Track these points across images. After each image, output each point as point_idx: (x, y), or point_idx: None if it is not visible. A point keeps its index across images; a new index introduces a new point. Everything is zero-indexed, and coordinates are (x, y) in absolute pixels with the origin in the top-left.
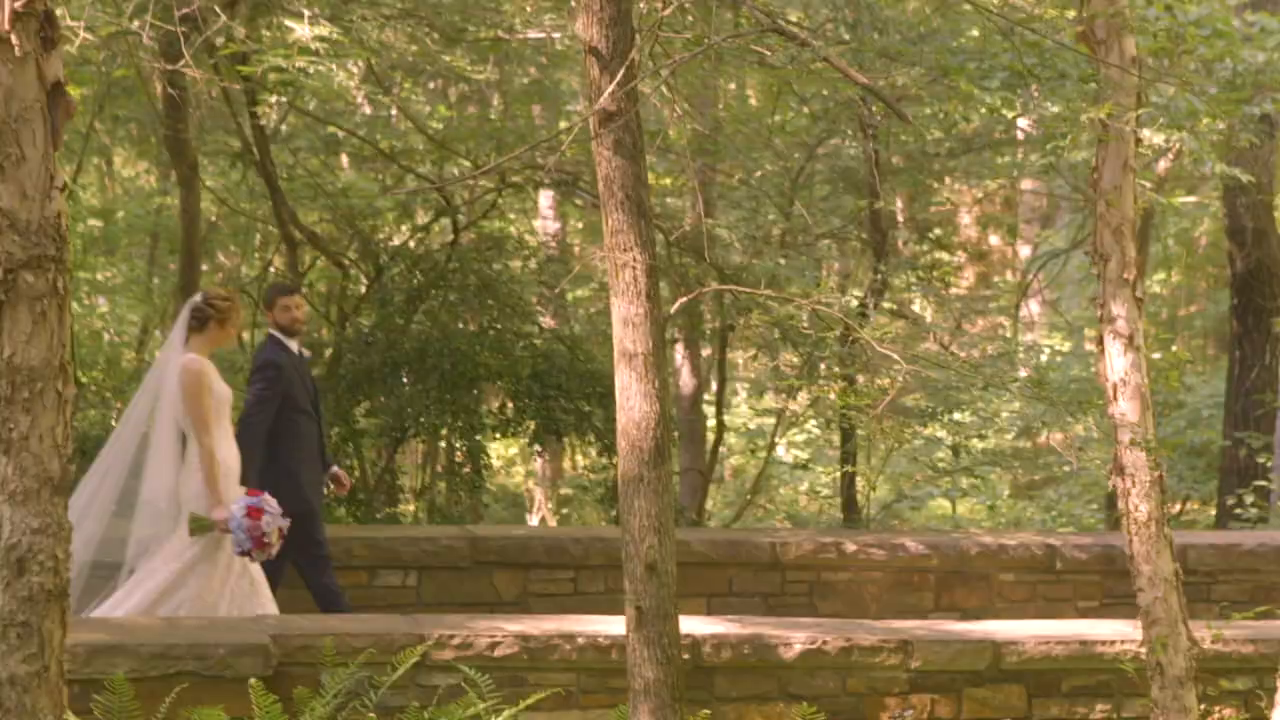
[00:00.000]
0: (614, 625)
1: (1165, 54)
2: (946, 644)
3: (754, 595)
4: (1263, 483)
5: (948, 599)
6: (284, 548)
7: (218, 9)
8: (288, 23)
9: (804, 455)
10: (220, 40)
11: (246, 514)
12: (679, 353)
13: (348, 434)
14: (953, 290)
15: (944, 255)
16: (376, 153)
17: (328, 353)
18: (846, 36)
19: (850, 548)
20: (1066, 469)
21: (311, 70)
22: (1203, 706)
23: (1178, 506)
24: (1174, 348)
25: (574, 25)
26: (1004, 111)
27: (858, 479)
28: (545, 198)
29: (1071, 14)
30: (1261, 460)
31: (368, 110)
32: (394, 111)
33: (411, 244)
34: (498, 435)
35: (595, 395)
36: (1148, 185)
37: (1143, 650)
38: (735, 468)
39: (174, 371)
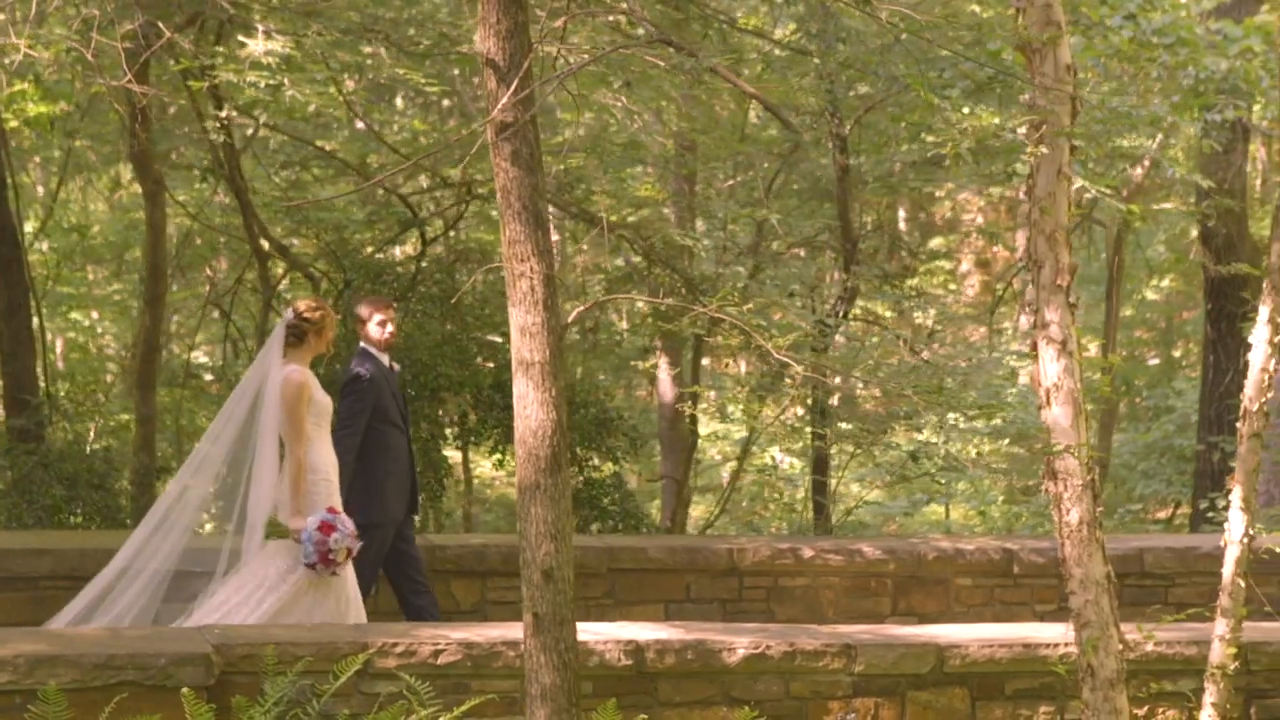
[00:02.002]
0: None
1: (1129, 61)
2: (890, 648)
3: (711, 601)
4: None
5: (905, 604)
6: (372, 563)
7: (162, 26)
8: (241, 38)
9: (800, 462)
10: (186, 58)
11: (319, 528)
12: (661, 362)
13: None
14: (935, 297)
15: (917, 263)
16: (344, 166)
17: None
18: (811, 47)
19: (807, 553)
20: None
21: (264, 85)
22: (1145, 709)
23: (1167, 511)
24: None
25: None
26: (961, 121)
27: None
28: None
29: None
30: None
31: (360, 125)
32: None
33: (379, 255)
34: (460, 444)
35: None
36: (1123, 192)
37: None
38: (731, 476)
39: (275, 384)
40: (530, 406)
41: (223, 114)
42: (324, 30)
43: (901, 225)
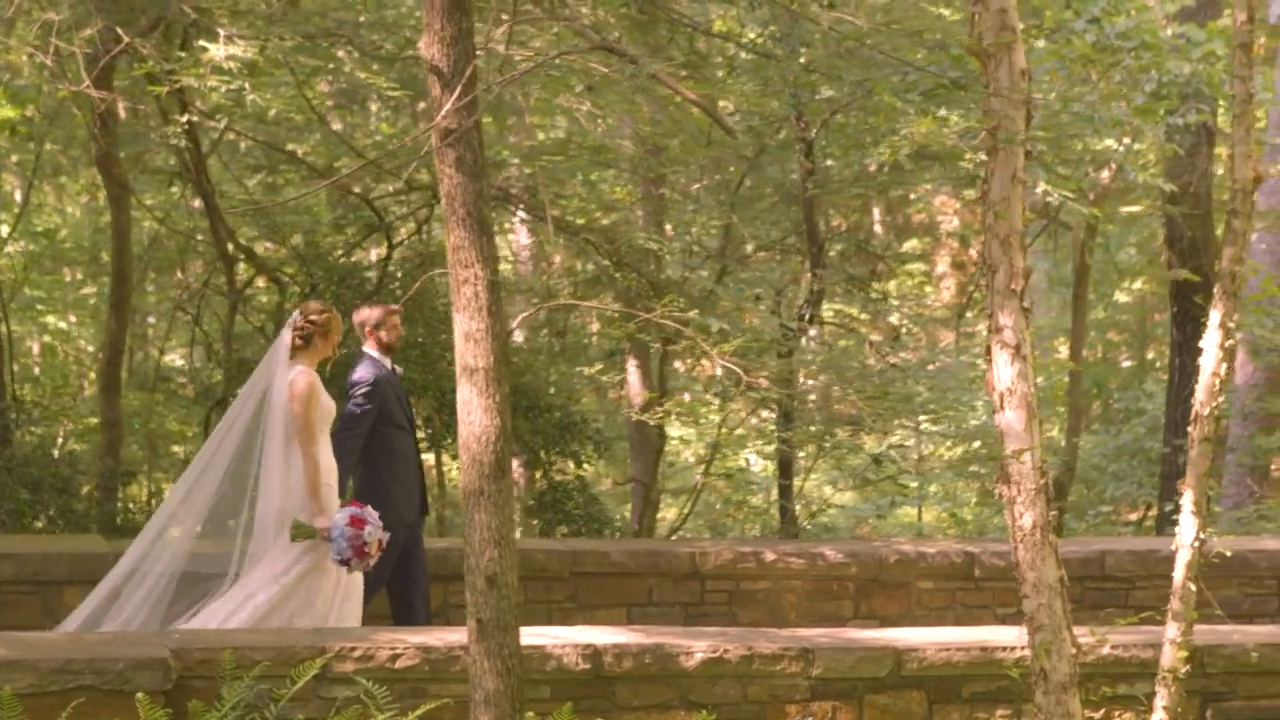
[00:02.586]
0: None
1: (1093, 65)
2: (848, 651)
3: (674, 605)
4: None
5: (867, 607)
6: (385, 561)
7: (122, 32)
8: (203, 43)
9: (772, 465)
10: (148, 63)
11: (349, 523)
12: (630, 364)
13: None
14: (903, 300)
15: (882, 265)
16: (311, 170)
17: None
18: (777, 51)
19: (769, 557)
20: None
21: (225, 90)
22: (1101, 712)
23: (1138, 513)
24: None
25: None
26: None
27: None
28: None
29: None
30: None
31: (337, 127)
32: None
33: (345, 260)
34: (429, 447)
35: (522, 408)
36: (1090, 195)
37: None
38: (706, 479)
39: (282, 385)
40: (474, 412)
41: (183, 119)
42: (286, 35)
43: (877, 228)
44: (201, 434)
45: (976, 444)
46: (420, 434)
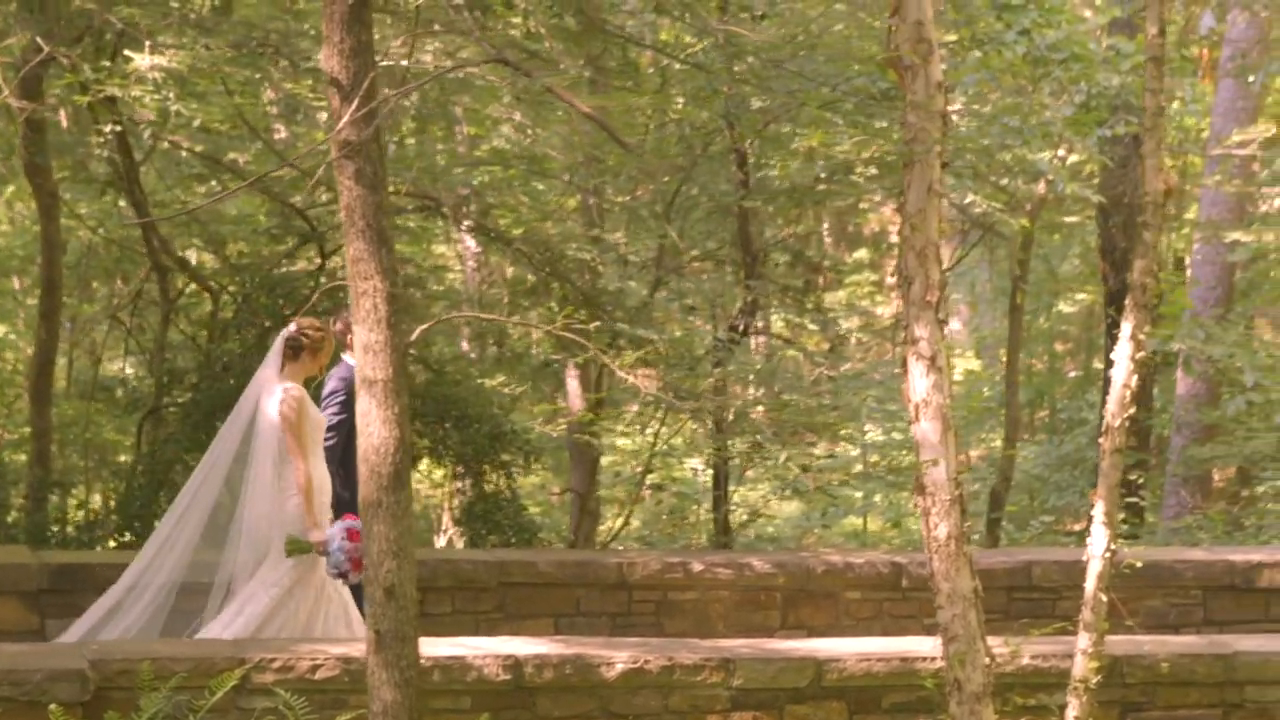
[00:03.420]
0: (440, 647)
1: (1022, 77)
2: (768, 662)
3: (601, 615)
4: (1134, 499)
5: (795, 617)
6: None
7: (42, 41)
8: (129, 52)
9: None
10: (73, 72)
11: (346, 536)
12: (570, 375)
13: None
14: (846, 311)
15: (817, 275)
16: (243, 179)
17: (188, 378)
18: (708, 62)
19: (697, 567)
20: (977, 487)
21: (149, 99)
22: None
23: (1081, 523)
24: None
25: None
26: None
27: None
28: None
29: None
30: (1134, 477)
31: (282, 136)
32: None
33: (278, 270)
34: None
35: (452, 418)
36: (1026, 206)
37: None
38: (642, 491)
39: (273, 399)
40: (373, 424)
41: (107, 129)
42: (214, 45)
43: (826, 238)
44: (135, 444)
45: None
46: None
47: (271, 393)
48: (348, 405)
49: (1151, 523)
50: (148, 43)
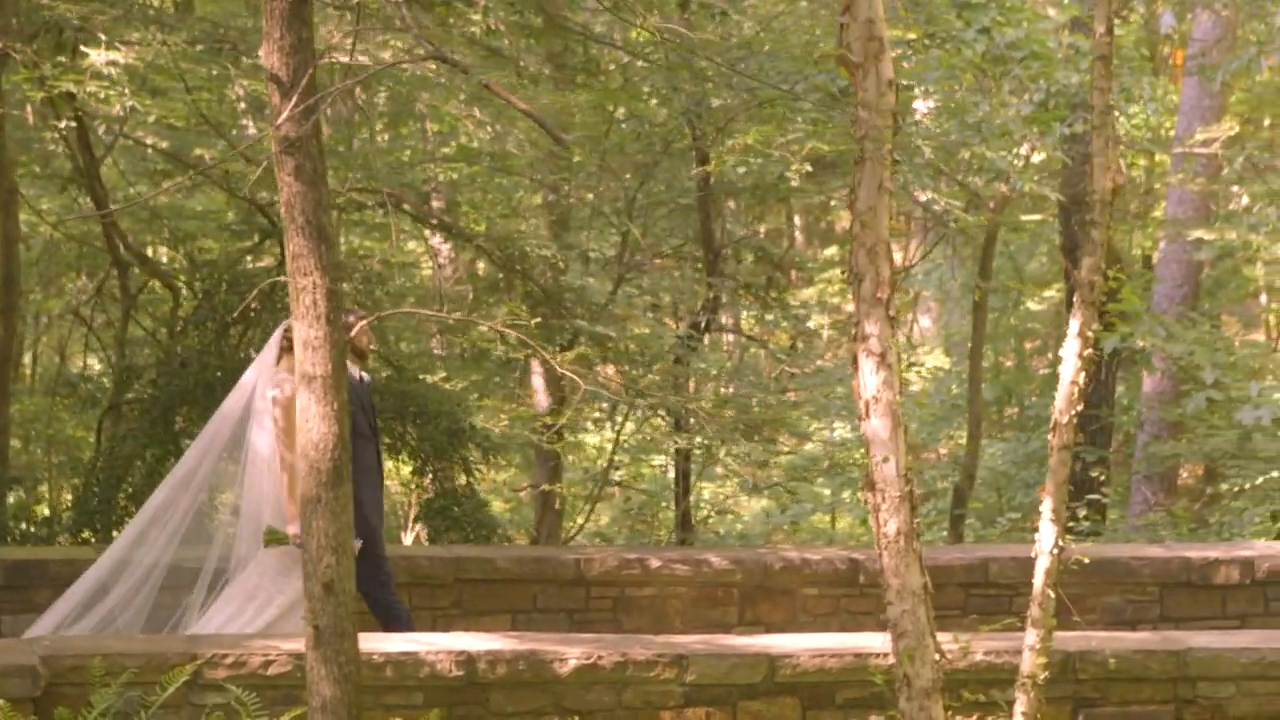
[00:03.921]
0: (393, 642)
1: (983, 74)
2: (722, 658)
3: (559, 611)
4: (1096, 496)
5: (752, 613)
6: (372, 569)
7: None
8: (84, 48)
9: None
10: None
11: None
12: (535, 372)
13: (163, 454)
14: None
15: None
16: (203, 176)
17: (146, 374)
18: (667, 58)
19: (654, 564)
20: (944, 484)
21: (105, 94)
22: (975, 717)
23: None
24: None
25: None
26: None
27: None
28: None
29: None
30: (1095, 474)
31: (251, 130)
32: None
33: (239, 266)
34: None
35: (410, 414)
36: (990, 203)
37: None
38: (626, 484)
39: (268, 392)
40: (313, 420)
41: (61, 124)
42: (171, 42)
43: (798, 235)
44: (94, 439)
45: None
46: None
47: (268, 384)
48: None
49: (1114, 520)
50: (104, 39)
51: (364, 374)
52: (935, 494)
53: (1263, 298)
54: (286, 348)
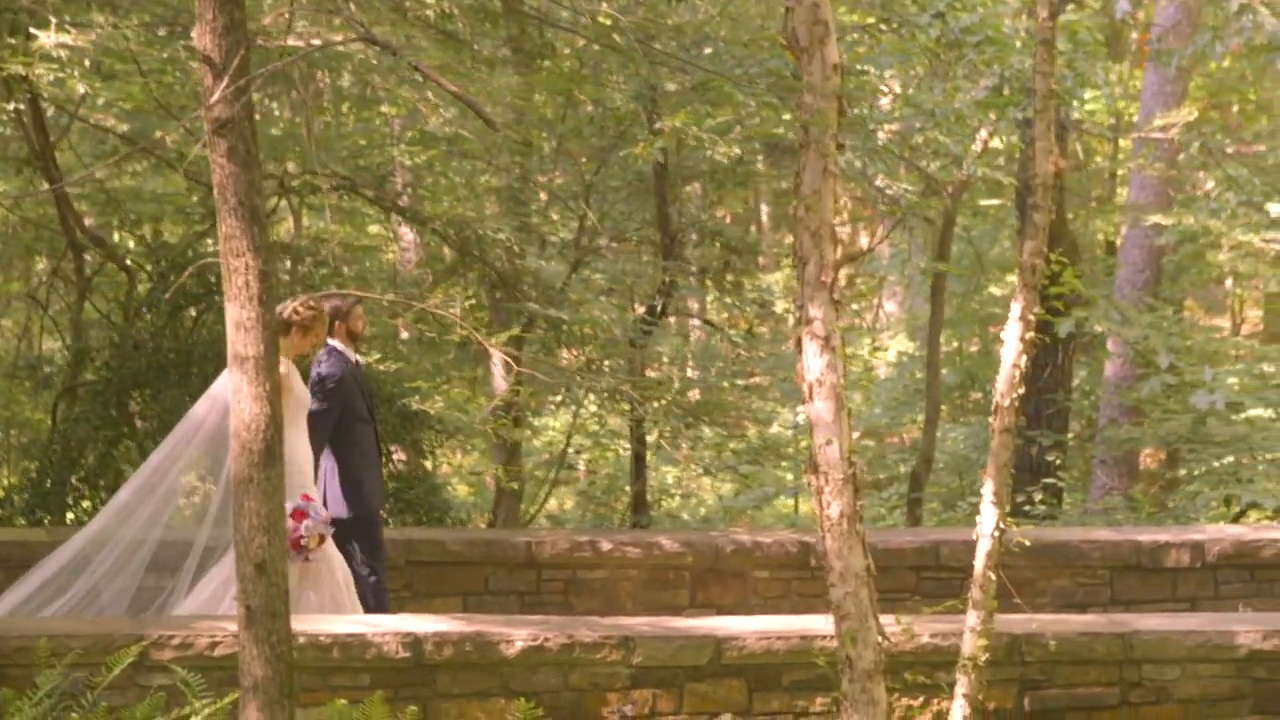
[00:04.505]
0: (339, 624)
1: (938, 59)
2: (668, 640)
3: (510, 594)
4: (1052, 480)
5: (704, 596)
6: (371, 551)
7: None
8: (33, 29)
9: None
10: None
11: (292, 515)
12: (494, 358)
13: (116, 436)
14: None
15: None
16: (161, 160)
17: (98, 357)
18: (625, 38)
19: (606, 546)
20: (906, 468)
21: (53, 79)
22: (920, 699)
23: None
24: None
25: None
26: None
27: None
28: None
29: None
30: (1051, 458)
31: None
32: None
33: (193, 250)
34: None
35: None
36: (948, 188)
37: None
38: (590, 468)
39: None
40: (244, 401)
41: (10, 106)
42: (122, 25)
43: (764, 220)
44: (49, 421)
45: (855, 435)
46: None
47: None
48: (336, 395)
49: (1070, 504)
50: (54, 21)
51: (358, 358)
52: (898, 478)
53: (1228, 283)
54: (280, 332)
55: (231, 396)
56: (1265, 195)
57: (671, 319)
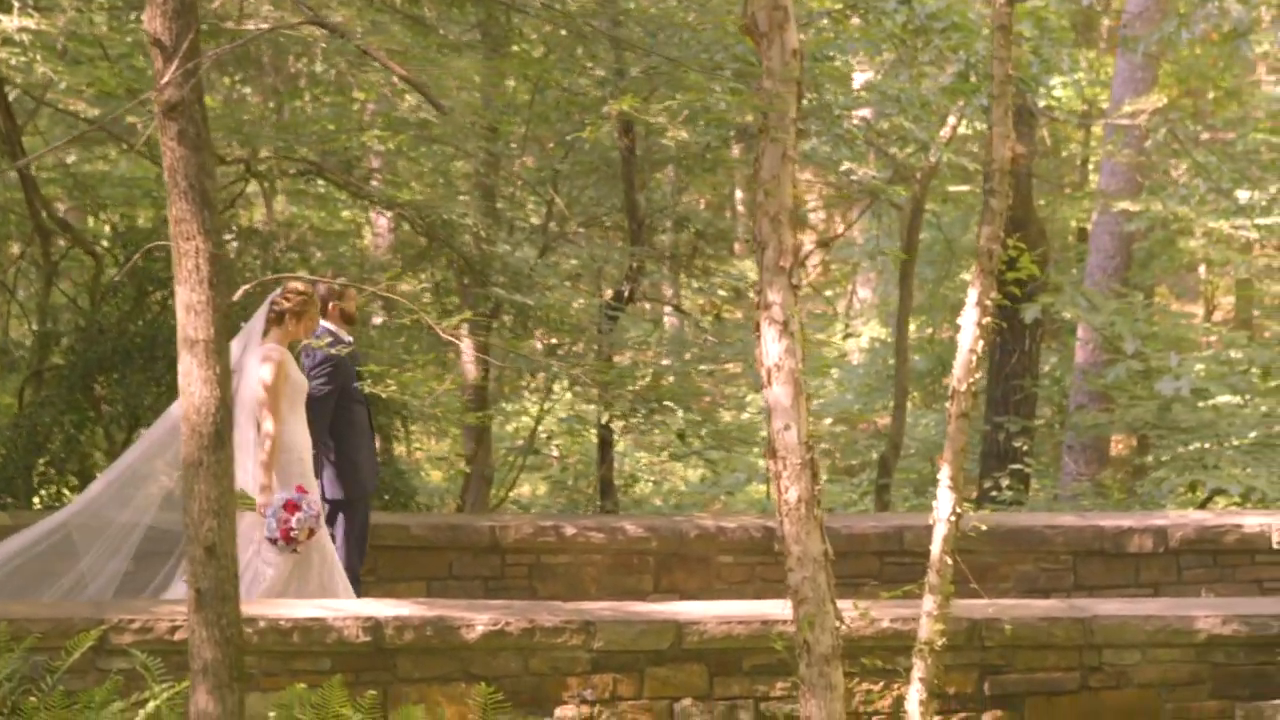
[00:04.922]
0: (300, 608)
1: (903, 45)
2: (629, 624)
3: (474, 579)
4: (1019, 466)
5: (668, 581)
6: (360, 534)
7: None
8: None
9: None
10: None
11: (284, 506)
12: (465, 345)
13: (82, 420)
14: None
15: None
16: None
17: (64, 341)
18: (596, 23)
19: (569, 531)
20: (877, 454)
21: (16, 62)
22: (880, 684)
23: (978, 489)
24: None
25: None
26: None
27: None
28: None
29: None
30: (1019, 444)
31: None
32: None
33: (158, 232)
34: None
35: None
36: (917, 174)
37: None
38: (562, 453)
39: (254, 359)
40: (194, 384)
41: None
42: (84, 8)
43: (739, 206)
44: (18, 407)
45: (827, 421)
46: None
47: (255, 354)
48: (334, 378)
49: (1038, 490)
50: (16, 4)
51: (350, 339)
52: (869, 464)
53: (1201, 270)
54: (274, 319)
55: (180, 380)
56: (1234, 182)
57: (646, 305)
